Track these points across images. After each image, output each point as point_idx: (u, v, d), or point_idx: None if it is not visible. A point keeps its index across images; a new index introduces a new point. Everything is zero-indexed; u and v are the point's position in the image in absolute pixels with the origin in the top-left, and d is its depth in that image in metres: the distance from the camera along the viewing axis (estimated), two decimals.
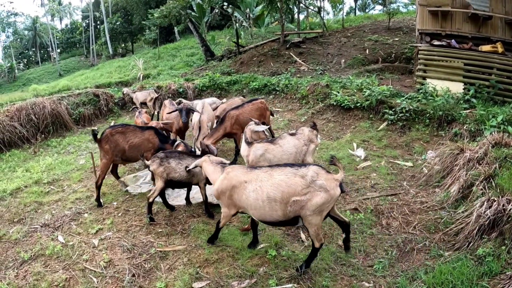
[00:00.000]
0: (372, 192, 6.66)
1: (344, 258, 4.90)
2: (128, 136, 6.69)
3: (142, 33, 40.41)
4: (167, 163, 5.79)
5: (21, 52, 59.47)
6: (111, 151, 6.55)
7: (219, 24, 33.62)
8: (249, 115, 7.82)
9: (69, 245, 5.53)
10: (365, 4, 48.90)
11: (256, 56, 18.86)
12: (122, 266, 4.97)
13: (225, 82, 14.64)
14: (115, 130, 6.66)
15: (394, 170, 7.50)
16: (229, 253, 5.12)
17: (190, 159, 5.89)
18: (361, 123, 10.07)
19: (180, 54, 28.06)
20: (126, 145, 6.64)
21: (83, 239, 5.65)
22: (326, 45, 19.14)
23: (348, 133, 9.72)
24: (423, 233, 5.37)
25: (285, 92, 13.12)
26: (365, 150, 8.48)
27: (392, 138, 9.09)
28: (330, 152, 8.40)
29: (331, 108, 11.04)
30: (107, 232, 5.77)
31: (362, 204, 6.20)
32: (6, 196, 7.44)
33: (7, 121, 10.94)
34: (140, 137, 6.76)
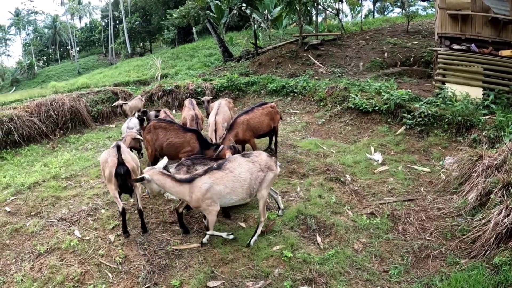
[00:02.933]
0: (389, 196, 6.60)
1: (360, 262, 4.86)
2: (169, 133, 6.59)
3: (160, 33, 40.66)
4: (194, 170, 5.56)
5: (41, 49, 60.35)
6: (152, 143, 6.62)
7: (237, 25, 33.59)
8: (260, 119, 7.65)
9: (85, 239, 5.56)
10: (383, 7, 48.36)
11: (274, 57, 18.76)
12: (138, 262, 4.97)
13: (243, 83, 14.60)
14: (159, 124, 6.67)
15: (412, 175, 7.40)
16: (244, 253, 5.09)
17: (207, 161, 5.83)
18: (379, 127, 9.94)
19: (198, 55, 28.14)
20: (165, 142, 6.57)
21: (99, 234, 5.67)
22: (344, 48, 19.00)
23: (365, 137, 9.59)
24: (439, 239, 5.30)
25: (303, 94, 13.00)
26: (383, 155, 8.36)
27: (410, 143, 8.95)
28: (348, 156, 8.31)
29: (349, 111, 10.91)
30: None
31: (378, 209, 6.13)
32: (24, 190, 7.53)
33: (26, 117, 11.11)
34: (181, 138, 6.59)
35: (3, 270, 5.12)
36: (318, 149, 8.83)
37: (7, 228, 6.13)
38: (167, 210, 6.30)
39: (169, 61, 28.50)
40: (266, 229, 5.55)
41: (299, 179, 7.31)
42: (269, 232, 5.52)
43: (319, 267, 4.74)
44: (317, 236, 5.46)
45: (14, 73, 46.97)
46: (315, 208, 6.09)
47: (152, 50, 45.72)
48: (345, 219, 5.82)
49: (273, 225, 5.68)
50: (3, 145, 10.42)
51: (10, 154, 10.10)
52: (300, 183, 7.09)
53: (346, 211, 6.07)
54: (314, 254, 5.04)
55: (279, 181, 7.20)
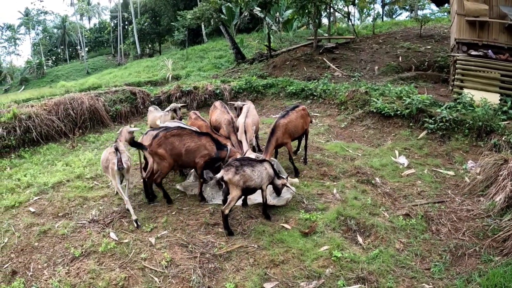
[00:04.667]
0: (419, 199, 6.72)
1: (403, 261, 5.05)
2: (185, 139, 6.33)
3: (170, 34, 40.72)
4: (243, 171, 5.51)
5: (50, 49, 60.58)
6: (167, 155, 6.19)
7: (247, 28, 33.57)
8: (296, 122, 7.62)
9: (123, 242, 5.35)
10: (392, 10, 48.36)
11: (289, 60, 18.66)
12: (186, 265, 4.79)
13: (262, 85, 14.42)
14: (170, 133, 6.31)
15: (438, 179, 7.57)
16: (293, 255, 5.07)
17: (259, 165, 5.75)
18: (401, 131, 9.92)
19: (208, 56, 28.07)
20: (183, 149, 6.29)
21: (137, 237, 5.47)
22: (358, 51, 18.96)
23: (389, 141, 9.55)
24: (472, 239, 5.53)
25: (323, 97, 12.86)
26: (407, 158, 8.45)
27: (433, 147, 9.04)
28: (374, 159, 8.31)
29: (371, 115, 10.83)
30: (162, 231, 5.58)
31: (412, 210, 6.28)
32: (47, 189, 7.30)
33: (44, 115, 10.88)
34: (197, 142, 6.39)
35: (35, 275, 4.89)
36: (344, 152, 8.80)
37: (34, 229, 5.88)
38: (206, 211, 6.13)
39: (179, 62, 28.47)
40: (310, 230, 5.57)
41: (332, 181, 7.32)
42: (312, 233, 5.54)
43: (367, 266, 4.86)
44: (358, 237, 5.57)
45: (23, 72, 47.05)
46: (353, 209, 6.18)
47: (161, 51, 45.78)
48: (382, 220, 5.95)
49: (315, 226, 5.66)
50: (21, 144, 10.17)
51: (28, 153, 9.88)
52: (333, 185, 7.10)
53: (382, 213, 6.22)
54: (359, 254, 5.14)
55: (313, 183, 7.21)
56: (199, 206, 6.24)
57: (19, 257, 5.26)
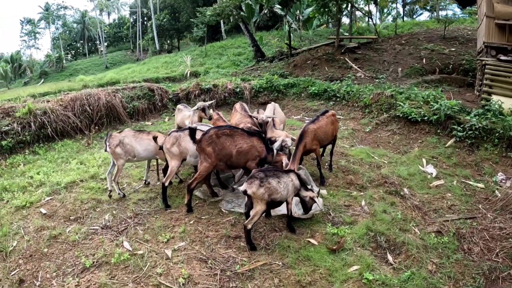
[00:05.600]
0: (450, 213, 6.25)
1: (436, 284, 4.67)
2: (236, 139, 5.92)
3: (188, 30, 40.46)
4: (268, 183, 5.03)
5: (70, 43, 61.26)
6: (214, 154, 5.81)
7: (266, 25, 33.26)
8: (326, 129, 7.21)
9: (137, 254, 4.96)
10: (412, 10, 47.54)
11: (310, 59, 18.27)
12: (205, 284, 4.38)
13: (283, 85, 13.98)
14: (222, 132, 5.91)
15: (468, 191, 7.02)
16: (321, 275, 4.65)
17: (285, 176, 5.29)
18: (428, 137, 9.37)
19: (227, 53, 27.81)
20: (234, 150, 5.88)
21: (153, 248, 5.08)
22: (381, 52, 18.50)
23: (415, 148, 9.01)
24: (505, 261, 5.14)
25: (347, 99, 12.36)
26: (435, 167, 7.91)
27: (461, 156, 8.48)
28: (401, 168, 7.79)
29: (396, 120, 10.29)
30: (179, 242, 5.18)
31: (443, 227, 5.84)
32: (60, 190, 7.02)
33: (60, 110, 10.65)
34: (249, 143, 5.97)
35: (43, 285, 4.56)
36: (370, 158, 8.31)
37: (44, 233, 5.59)
38: (227, 222, 5.69)
39: (198, 58, 28.32)
40: (338, 247, 5.11)
41: (358, 191, 6.86)
42: (340, 250, 5.10)
43: None
44: (388, 255, 5.15)
45: (43, 65, 47.53)
46: (382, 224, 5.72)
47: (179, 48, 45.70)
48: (413, 237, 5.49)
49: (344, 243, 5.20)
50: (36, 139, 9.95)
51: (43, 149, 9.66)
52: (360, 196, 6.65)
53: (413, 228, 5.73)
54: (390, 275, 4.74)
55: (339, 192, 6.77)
56: (219, 215, 5.81)
57: (28, 264, 4.96)
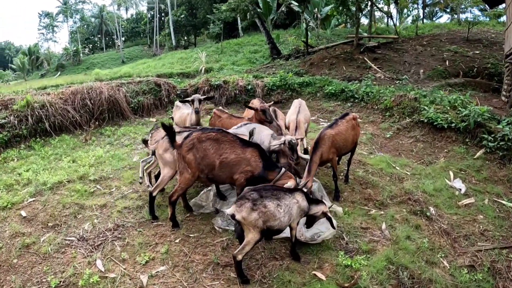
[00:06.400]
0: (482, 240, 5.34)
1: None
2: (223, 147, 4.85)
3: (205, 27, 40.09)
4: (263, 206, 4.07)
5: (87, 37, 61.69)
6: (195, 163, 4.81)
7: (284, 23, 32.47)
8: (345, 135, 6.19)
9: (109, 277, 4.22)
10: (432, 12, 46.46)
11: (327, 58, 17.41)
12: None
13: (297, 83, 13.10)
14: (206, 135, 4.84)
15: (501, 213, 6.09)
16: None
17: (288, 197, 4.34)
18: (454, 147, 8.34)
19: (243, 50, 27.11)
20: (218, 160, 4.83)
21: (128, 271, 4.32)
22: (401, 52, 17.63)
23: (441, 158, 8.00)
24: None
25: (366, 101, 11.39)
26: (464, 182, 6.93)
27: (492, 170, 7.41)
28: (426, 181, 6.81)
29: (420, 125, 9.28)
30: (160, 266, 4.38)
31: (476, 259, 4.93)
32: (45, 191, 6.41)
33: (60, 104, 10.05)
34: (239, 154, 4.86)
35: None
36: (391, 169, 7.34)
37: (17, 240, 5.02)
38: (219, 243, 4.82)
39: (213, 55, 27.73)
40: (350, 284, 4.20)
41: (378, 209, 5.92)
42: None
43: None
44: None
45: (60, 58, 47.69)
46: (406, 255, 4.77)
47: (196, 44, 45.18)
48: (442, 273, 4.58)
49: (358, 279, 4.25)
50: (33, 134, 9.38)
51: (38, 144, 9.07)
52: (380, 216, 5.69)
53: (441, 261, 4.80)
54: None
55: (355, 210, 5.83)
56: (210, 234, 4.97)
57: None
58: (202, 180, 5.08)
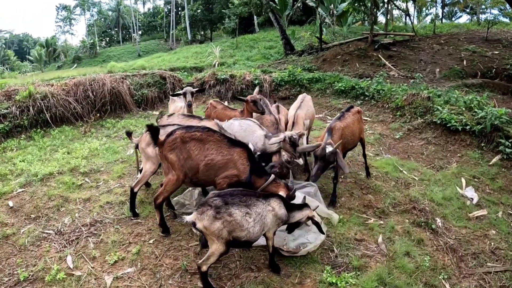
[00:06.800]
0: (492, 260, 4.71)
1: None
2: (208, 148, 4.40)
3: (221, 22, 39.91)
4: (228, 215, 3.61)
5: (104, 30, 62.46)
6: (179, 165, 4.38)
7: (300, 20, 32.01)
8: (353, 128, 5.85)
9: (75, 275, 4.03)
10: (451, 12, 45.48)
11: (340, 54, 16.97)
12: None
13: (307, 79, 12.68)
14: (190, 135, 4.39)
15: None
16: None
17: (261, 204, 3.85)
18: (468, 151, 7.76)
19: (258, 46, 26.88)
20: (202, 162, 4.39)
21: (95, 270, 4.11)
22: (417, 51, 17.03)
23: (453, 163, 7.43)
24: None
25: (376, 99, 10.88)
26: (477, 191, 6.34)
27: (508, 178, 6.78)
28: (435, 188, 6.28)
29: (432, 127, 8.74)
30: (127, 267, 4.13)
31: (484, 283, 4.33)
32: (35, 182, 6.31)
33: (62, 95, 9.95)
34: (225, 156, 4.41)
35: None
36: (397, 173, 6.85)
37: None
38: (193, 247, 4.48)
39: (228, 50, 27.61)
40: None
41: (377, 218, 5.39)
42: None
43: None
44: None
45: (77, 51, 48.13)
46: (402, 275, 4.22)
47: (212, 39, 45.06)
48: None
49: None
50: (34, 124, 9.33)
51: (39, 135, 9.00)
52: (379, 226, 5.17)
53: (443, 283, 4.20)
54: None
55: (351, 217, 5.31)
56: (186, 237, 4.63)
57: None
58: (187, 183, 4.72)
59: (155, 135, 4.29)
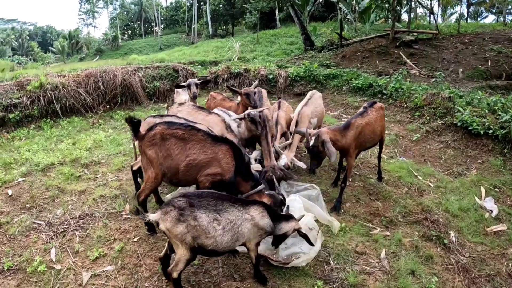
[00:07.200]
0: (509, 285, 4.21)
1: None
2: (190, 147, 4.07)
3: (243, 17, 39.63)
4: (192, 219, 3.22)
5: (127, 24, 63.14)
6: (157, 162, 4.10)
7: (322, 16, 31.48)
8: (374, 126, 5.46)
9: (55, 268, 3.94)
10: (477, 12, 44.22)
11: (360, 51, 16.47)
12: None
13: (323, 75, 12.33)
14: (170, 131, 4.06)
15: None
16: None
17: (236, 211, 3.42)
18: (490, 157, 7.22)
19: (279, 42, 26.50)
20: (183, 162, 4.08)
21: (76, 265, 4.00)
22: (440, 49, 16.29)
23: (473, 170, 6.89)
24: None
25: (394, 97, 10.43)
26: (497, 202, 5.80)
27: None
28: (451, 197, 5.80)
29: (452, 129, 8.24)
30: (106, 265, 3.97)
31: None
32: (36, 172, 6.26)
33: (72, 86, 9.93)
34: (209, 154, 4.09)
35: None
36: (411, 178, 6.39)
37: None
38: None
39: (249, 45, 27.32)
40: None
41: (384, 228, 4.96)
42: None
43: None
44: None
45: (100, 43, 48.72)
46: None
47: (234, 33, 44.87)
48: None
49: None
50: (44, 114, 9.33)
51: (48, 125, 9.00)
52: (384, 238, 4.73)
53: None
54: None
55: (354, 226, 4.90)
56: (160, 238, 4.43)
57: None
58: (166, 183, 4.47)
59: (136, 128, 4.06)
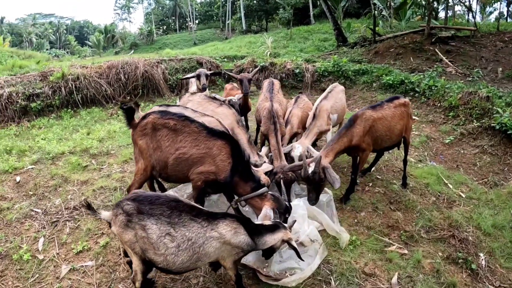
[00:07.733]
0: None
1: None
2: (181, 139, 3.71)
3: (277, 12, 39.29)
4: (140, 228, 2.74)
5: (161, 19, 63.92)
6: (147, 154, 3.81)
7: (356, 12, 30.81)
8: (390, 123, 4.91)
9: (38, 258, 3.88)
10: None
11: (393, 47, 15.72)
12: None
13: (352, 71, 11.74)
14: (163, 121, 3.74)
15: None
16: None
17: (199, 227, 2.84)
18: None
19: (313, 38, 26.05)
20: (172, 155, 3.74)
21: (59, 257, 3.91)
22: (478, 47, 15.29)
23: (511, 180, 6.18)
24: None
25: (427, 96, 9.69)
26: None
27: None
28: (485, 211, 5.08)
29: (490, 133, 7.48)
30: (88, 260, 3.79)
31: None
32: (46, 160, 6.22)
33: (94, 77, 9.96)
34: (202, 149, 3.68)
35: None
36: (441, 186, 5.70)
37: None
38: None
39: (282, 41, 27.02)
40: None
41: (402, 244, 4.32)
42: None
43: None
44: None
45: (135, 37, 49.53)
46: None
47: (267, 29, 44.57)
48: None
49: None
50: (65, 104, 9.40)
51: (68, 114, 9.07)
52: (401, 257, 4.07)
53: None
54: None
55: (368, 240, 4.29)
56: None
57: None
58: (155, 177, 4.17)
59: (130, 116, 3.79)
